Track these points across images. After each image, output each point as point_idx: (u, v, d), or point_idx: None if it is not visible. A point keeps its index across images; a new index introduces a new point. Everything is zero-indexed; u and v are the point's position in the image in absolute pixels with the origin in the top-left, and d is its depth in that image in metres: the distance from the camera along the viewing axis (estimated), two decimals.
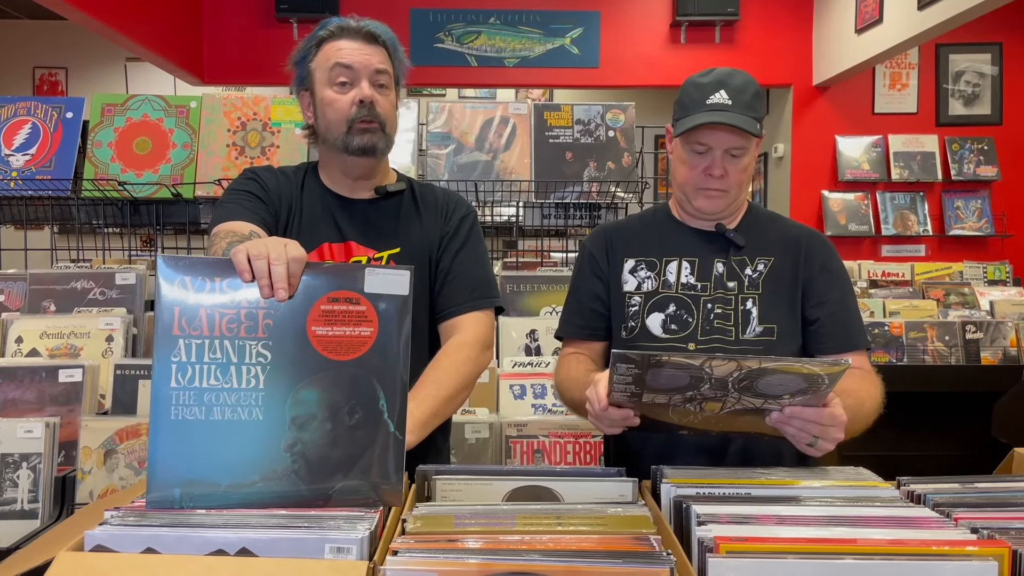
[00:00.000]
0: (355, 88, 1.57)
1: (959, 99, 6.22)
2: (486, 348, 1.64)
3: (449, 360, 1.58)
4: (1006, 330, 3.59)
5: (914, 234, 6.09)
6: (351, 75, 1.57)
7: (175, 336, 1.10)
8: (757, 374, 1.18)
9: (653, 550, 0.98)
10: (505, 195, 3.03)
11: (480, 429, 2.12)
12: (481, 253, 1.72)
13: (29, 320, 2.43)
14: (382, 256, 1.63)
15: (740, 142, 1.56)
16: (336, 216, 1.65)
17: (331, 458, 1.13)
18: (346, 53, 1.58)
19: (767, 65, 6.10)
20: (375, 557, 0.99)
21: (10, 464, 1.83)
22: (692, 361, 1.15)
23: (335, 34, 1.60)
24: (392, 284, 1.16)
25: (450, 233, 1.69)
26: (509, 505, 1.20)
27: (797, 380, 1.20)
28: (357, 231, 1.65)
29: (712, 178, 1.58)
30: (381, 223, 1.66)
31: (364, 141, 1.59)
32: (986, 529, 1.06)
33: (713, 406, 1.26)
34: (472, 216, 1.74)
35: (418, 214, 1.69)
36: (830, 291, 1.61)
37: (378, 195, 1.68)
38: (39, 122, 2.89)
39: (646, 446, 1.61)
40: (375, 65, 1.58)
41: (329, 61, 1.58)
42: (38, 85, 7.50)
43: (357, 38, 1.59)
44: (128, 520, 1.04)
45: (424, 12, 6.09)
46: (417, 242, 1.66)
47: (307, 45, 1.63)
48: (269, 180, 1.67)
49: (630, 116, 3.06)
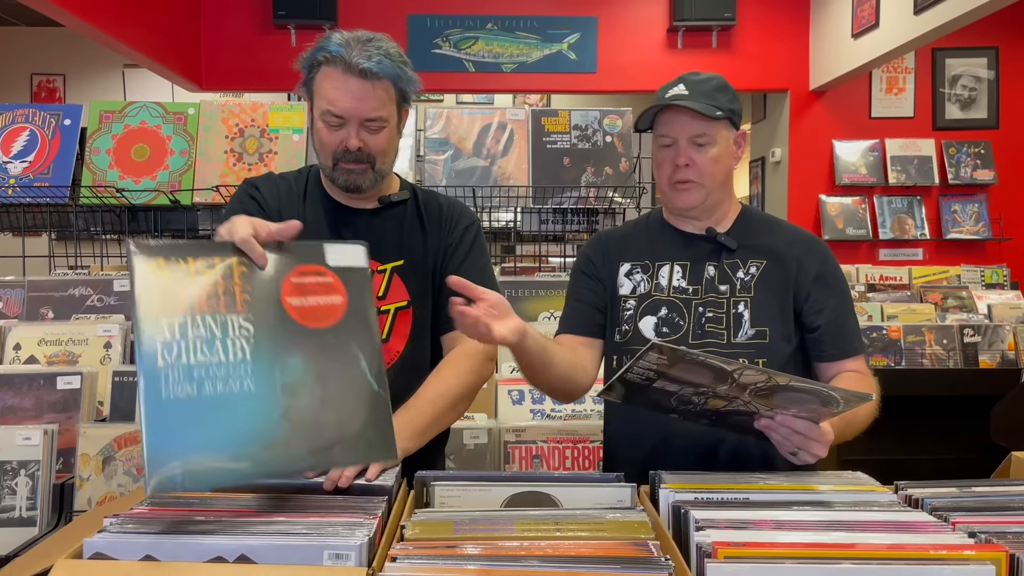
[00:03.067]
0: (343, 131, 1.54)
1: (956, 103, 6.24)
2: (489, 359, 1.64)
3: (451, 369, 1.57)
4: (1004, 333, 3.60)
5: (911, 238, 6.10)
6: (341, 121, 1.54)
7: (156, 315, 1.09)
8: (781, 388, 1.18)
9: (652, 556, 0.99)
10: (503, 201, 3.04)
11: (479, 435, 2.12)
12: (484, 264, 1.71)
13: (27, 327, 2.43)
14: (385, 268, 1.62)
15: (701, 128, 1.56)
16: (339, 227, 1.64)
17: (325, 422, 1.16)
18: (337, 97, 1.51)
19: (764, 70, 6.12)
20: (374, 563, 0.99)
21: (8, 472, 1.83)
22: (725, 366, 1.16)
23: (333, 60, 1.52)
24: (351, 257, 1.26)
25: (454, 244, 1.68)
26: (508, 511, 1.20)
27: (814, 400, 1.21)
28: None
29: (679, 168, 1.58)
30: (384, 235, 1.64)
31: (348, 181, 1.58)
32: (984, 533, 1.06)
33: (718, 403, 1.27)
34: (475, 226, 1.73)
35: (421, 225, 1.68)
36: (828, 298, 1.61)
37: (382, 205, 1.67)
38: (37, 129, 2.89)
39: (636, 449, 1.62)
40: (366, 114, 1.53)
41: (322, 100, 1.54)
42: (36, 92, 7.51)
43: (353, 75, 1.51)
44: (127, 527, 1.04)
45: (422, 18, 6.10)
46: (420, 254, 1.66)
47: (310, 60, 1.57)
48: (269, 194, 1.64)
49: (627, 121, 3.07)
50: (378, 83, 1.52)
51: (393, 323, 1.61)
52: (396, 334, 1.62)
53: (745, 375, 1.17)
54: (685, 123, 1.57)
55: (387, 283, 1.62)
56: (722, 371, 1.17)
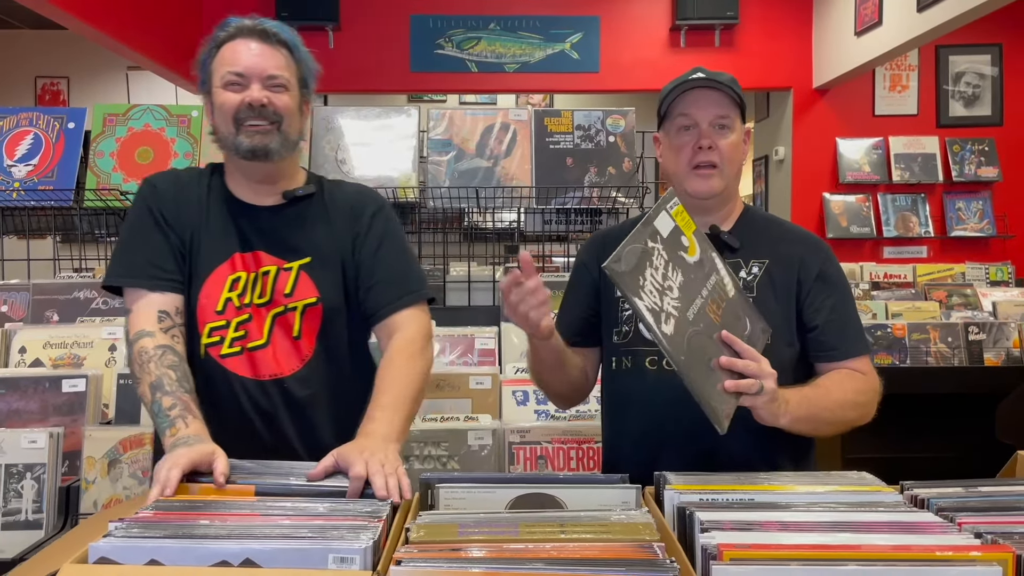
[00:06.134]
0: (245, 91, 1.52)
1: (959, 100, 6.22)
2: (429, 340, 1.61)
3: (402, 360, 1.53)
4: (1009, 331, 3.58)
5: (915, 236, 6.08)
6: (243, 80, 1.52)
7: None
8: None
9: (657, 558, 0.98)
10: (506, 201, 3.04)
11: (483, 436, 2.12)
12: (401, 247, 1.67)
13: (32, 330, 2.43)
14: (292, 267, 1.58)
15: (725, 110, 1.57)
16: (242, 225, 1.59)
17: None
18: (239, 57, 1.52)
19: (767, 68, 6.10)
20: (379, 567, 0.99)
21: (14, 474, 1.83)
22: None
23: (232, 35, 1.54)
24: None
25: (363, 232, 1.63)
26: (512, 513, 1.20)
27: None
28: (264, 241, 1.59)
29: (702, 151, 1.56)
30: (288, 232, 1.60)
31: (254, 142, 1.52)
32: (990, 534, 1.05)
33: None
34: (385, 210, 1.68)
35: (327, 218, 1.63)
36: (828, 298, 1.59)
37: (285, 200, 1.62)
38: (41, 133, 2.90)
39: (636, 448, 1.62)
40: (268, 71, 1.53)
41: (223, 65, 1.53)
42: (40, 95, 7.52)
43: (252, 37, 1.53)
44: (132, 532, 1.04)
45: (424, 18, 6.10)
46: (327, 249, 1.61)
47: (208, 47, 1.57)
48: (168, 200, 1.59)
49: (630, 121, 3.06)
50: (279, 47, 1.55)
51: (302, 321, 1.58)
52: (306, 331, 1.58)
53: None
54: (709, 105, 1.56)
55: (294, 281, 1.58)
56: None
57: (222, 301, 1.55)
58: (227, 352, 1.55)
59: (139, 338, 1.48)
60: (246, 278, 1.56)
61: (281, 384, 1.56)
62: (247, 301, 1.55)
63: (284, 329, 1.57)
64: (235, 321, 1.55)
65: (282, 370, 1.56)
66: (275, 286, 1.57)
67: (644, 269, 1.28)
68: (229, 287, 1.56)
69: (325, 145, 2.99)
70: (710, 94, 1.56)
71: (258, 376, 1.55)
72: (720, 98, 1.56)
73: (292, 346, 1.57)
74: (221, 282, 1.56)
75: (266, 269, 1.57)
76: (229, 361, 1.55)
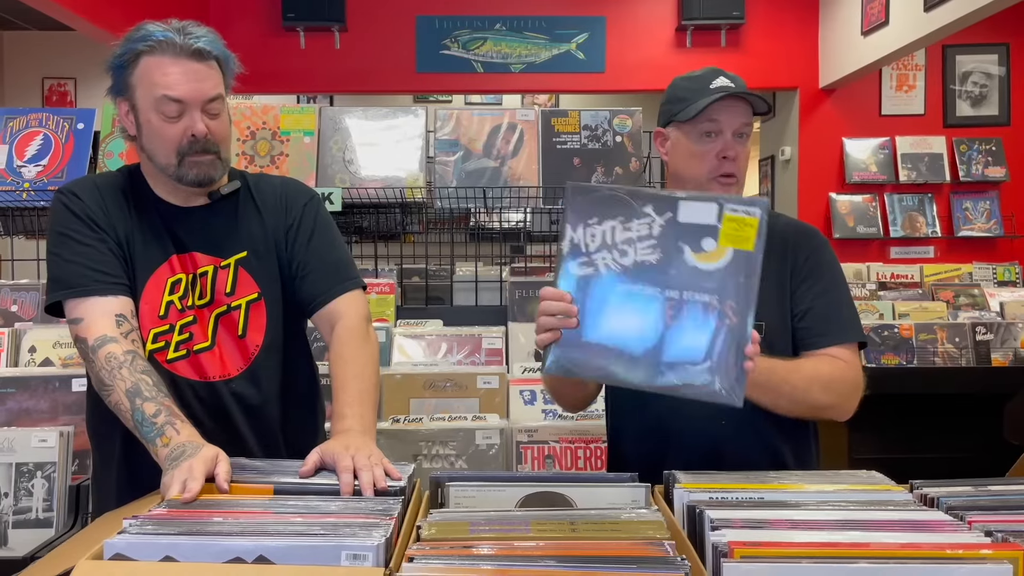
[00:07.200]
0: (185, 118, 1.47)
1: (966, 100, 6.21)
2: (371, 323, 1.62)
3: (352, 350, 1.53)
4: (1016, 331, 3.57)
5: (922, 236, 6.07)
6: (181, 107, 1.47)
7: None
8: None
9: (667, 555, 0.99)
10: (513, 201, 3.04)
11: (491, 435, 2.13)
12: (333, 237, 1.67)
13: (42, 330, 2.45)
14: (229, 263, 1.58)
15: (748, 119, 1.58)
16: (174, 228, 1.57)
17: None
18: (174, 81, 1.45)
19: (773, 68, 6.10)
20: (391, 564, 1.00)
21: (25, 473, 1.84)
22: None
23: (157, 49, 1.46)
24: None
25: (295, 224, 1.63)
26: (523, 511, 1.20)
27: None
28: (198, 240, 1.57)
29: (727, 162, 1.56)
30: (221, 229, 1.59)
31: (199, 174, 1.51)
32: (1000, 532, 1.05)
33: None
34: (315, 201, 1.67)
35: (258, 212, 1.63)
36: (815, 284, 1.58)
37: (212, 199, 1.60)
38: (51, 133, 2.91)
39: (641, 446, 1.63)
40: (208, 93, 1.48)
41: (155, 87, 1.46)
42: (47, 96, 7.54)
43: (183, 57, 1.46)
44: (146, 528, 1.05)
45: (430, 19, 6.11)
46: (261, 242, 1.61)
47: (125, 53, 1.49)
48: (94, 205, 1.54)
49: (637, 121, 3.07)
50: (212, 63, 1.50)
51: (247, 317, 1.58)
52: (252, 327, 1.58)
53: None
54: (737, 114, 1.56)
55: (233, 278, 1.57)
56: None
57: (164, 305, 1.54)
58: (173, 356, 1.53)
59: (103, 344, 1.42)
60: (186, 280, 1.55)
61: (229, 385, 1.56)
62: (189, 303, 1.55)
63: (228, 329, 1.57)
64: (179, 324, 1.54)
65: (228, 371, 1.56)
66: (215, 286, 1.56)
67: (608, 216, 1.19)
68: (169, 290, 1.54)
69: (332, 145, 2.99)
70: (738, 102, 1.56)
71: (205, 379, 1.55)
72: (746, 107, 1.57)
73: (237, 346, 1.57)
74: (161, 286, 1.54)
75: (204, 269, 1.56)
76: (176, 366, 1.54)
